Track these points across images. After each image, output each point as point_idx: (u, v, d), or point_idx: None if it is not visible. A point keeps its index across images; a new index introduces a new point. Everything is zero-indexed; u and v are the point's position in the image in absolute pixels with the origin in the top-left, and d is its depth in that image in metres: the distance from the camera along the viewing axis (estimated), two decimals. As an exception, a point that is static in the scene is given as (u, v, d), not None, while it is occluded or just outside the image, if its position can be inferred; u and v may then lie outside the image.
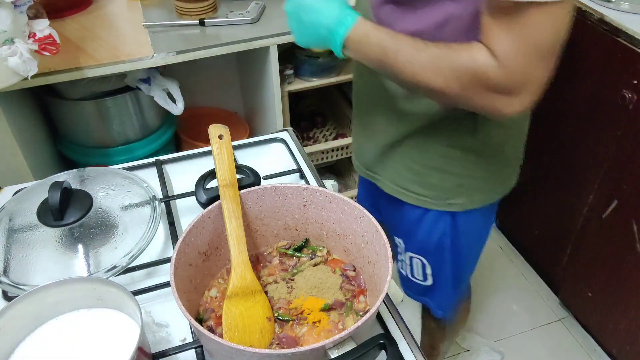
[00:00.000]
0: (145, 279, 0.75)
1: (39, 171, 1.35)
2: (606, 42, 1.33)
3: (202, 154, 0.97)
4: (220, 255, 0.71)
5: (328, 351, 0.53)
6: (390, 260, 0.60)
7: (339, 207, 0.70)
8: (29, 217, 0.74)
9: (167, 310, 0.69)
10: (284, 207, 0.73)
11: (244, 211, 0.71)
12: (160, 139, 1.57)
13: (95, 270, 0.70)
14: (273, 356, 0.52)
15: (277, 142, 1.00)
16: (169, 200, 0.85)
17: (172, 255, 0.61)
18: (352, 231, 0.70)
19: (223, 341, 0.53)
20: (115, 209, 0.77)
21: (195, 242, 0.66)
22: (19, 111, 1.33)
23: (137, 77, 1.40)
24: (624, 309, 1.47)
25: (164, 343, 0.66)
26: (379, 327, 0.68)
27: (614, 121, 1.36)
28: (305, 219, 0.74)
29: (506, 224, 2.06)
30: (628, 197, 1.37)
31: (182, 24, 1.41)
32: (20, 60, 1.01)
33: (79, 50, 1.29)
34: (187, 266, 0.65)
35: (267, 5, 1.49)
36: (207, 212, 0.68)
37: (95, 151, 1.49)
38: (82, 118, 1.44)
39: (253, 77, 1.68)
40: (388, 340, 0.53)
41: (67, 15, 1.44)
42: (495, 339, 1.76)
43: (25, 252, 0.72)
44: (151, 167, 0.93)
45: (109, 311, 0.62)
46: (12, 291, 0.68)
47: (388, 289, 0.59)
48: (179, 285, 0.59)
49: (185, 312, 0.56)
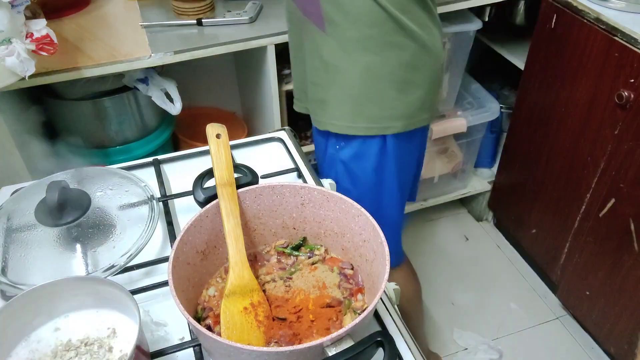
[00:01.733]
0: (143, 278, 0.75)
1: (37, 171, 1.35)
2: (603, 41, 1.34)
3: (200, 153, 0.97)
4: (218, 254, 0.71)
5: (326, 349, 0.53)
6: (387, 258, 0.60)
7: (336, 205, 0.70)
8: (26, 216, 0.74)
9: (165, 309, 0.69)
10: (282, 205, 0.73)
11: (242, 210, 0.71)
12: (158, 139, 1.57)
13: (94, 270, 0.70)
14: (271, 354, 0.52)
15: (274, 141, 1.01)
16: (167, 200, 0.85)
17: (170, 254, 0.61)
18: (349, 229, 0.70)
19: (221, 339, 0.53)
20: (113, 209, 0.77)
21: (193, 241, 0.66)
22: (17, 111, 1.33)
23: (135, 77, 1.40)
24: (622, 308, 1.47)
25: (162, 342, 0.66)
26: (377, 325, 0.68)
27: (612, 120, 1.37)
28: (303, 218, 0.74)
29: (504, 223, 2.06)
30: (625, 196, 1.37)
31: (180, 24, 1.41)
32: (18, 60, 1.01)
33: (77, 50, 1.29)
34: (185, 265, 0.65)
35: (265, 5, 1.49)
36: (205, 211, 0.68)
37: (93, 151, 1.49)
38: (80, 118, 1.44)
39: (251, 76, 1.68)
40: (385, 337, 0.53)
41: (64, 15, 1.43)
42: (494, 338, 1.77)
43: (23, 252, 0.72)
44: (149, 167, 0.93)
45: (107, 310, 0.62)
46: (10, 291, 0.68)
47: (385, 287, 0.59)
48: (177, 284, 0.59)
49: (183, 311, 0.56)
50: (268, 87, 1.49)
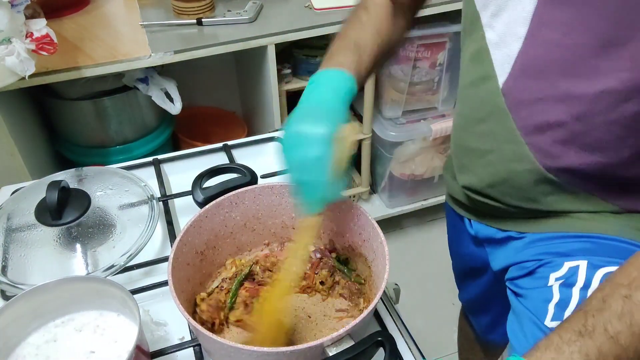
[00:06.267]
0: (143, 278, 0.75)
1: (37, 171, 1.35)
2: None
3: (200, 153, 0.97)
4: (217, 254, 0.72)
5: (326, 349, 0.53)
6: (387, 258, 0.60)
7: (336, 205, 0.70)
8: (26, 216, 0.74)
9: (165, 309, 0.69)
10: (281, 205, 0.73)
11: (241, 210, 0.71)
12: (158, 139, 1.57)
13: (94, 270, 0.70)
14: (271, 354, 0.52)
15: (274, 141, 1.00)
16: (167, 200, 0.85)
17: (170, 254, 0.61)
18: (349, 229, 0.70)
19: (220, 340, 0.53)
20: (113, 208, 0.77)
21: (192, 241, 0.67)
22: (17, 111, 1.33)
23: (135, 77, 1.40)
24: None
25: (162, 342, 0.66)
26: (377, 325, 0.68)
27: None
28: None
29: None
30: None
31: (180, 24, 1.41)
32: (18, 60, 1.01)
33: (77, 49, 1.29)
34: (185, 266, 0.65)
35: (265, 4, 1.49)
36: (204, 211, 0.68)
37: (93, 151, 1.49)
38: (79, 118, 1.44)
39: (251, 76, 1.68)
40: (386, 337, 0.53)
41: (64, 15, 1.43)
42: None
43: (23, 252, 0.72)
44: (149, 167, 0.93)
45: (107, 310, 0.62)
46: (10, 290, 0.68)
47: (385, 288, 0.59)
48: (176, 284, 0.59)
49: (183, 311, 0.56)
50: (268, 87, 1.49)
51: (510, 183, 0.67)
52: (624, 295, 0.47)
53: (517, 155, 0.64)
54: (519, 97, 0.61)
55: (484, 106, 0.66)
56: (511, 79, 0.61)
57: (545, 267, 0.66)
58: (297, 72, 1.60)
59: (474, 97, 0.68)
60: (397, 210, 1.95)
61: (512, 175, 0.66)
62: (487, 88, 0.64)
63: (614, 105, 0.55)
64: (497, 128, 0.65)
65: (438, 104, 1.78)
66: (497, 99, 0.63)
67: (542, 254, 0.67)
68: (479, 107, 0.67)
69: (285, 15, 1.46)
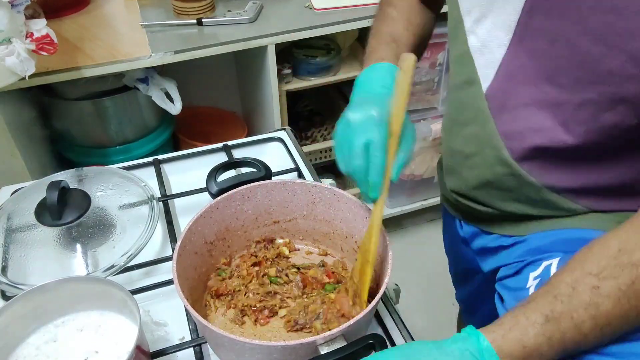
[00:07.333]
0: (143, 278, 0.75)
1: (37, 171, 1.35)
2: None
3: (200, 153, 0.97)
4: (225, 246, 0.73)
5: (319, 347, 0.53)
6: (390, 262, 0.61)
7: (346, 206, 0.71)
8: (27, 216, 0.74)
9: (165, 309, 0.69)
10: (293, 202, 0.74)
11: (253, 204, 0.72)
12: (158, 139, 1.57)
13: (94, 270, 0.70)
14: (263, 347, 0.53)
15: (275, 141, 1.00)
16: (167, 200, 0.85)
17: (178, 241, 0.63)
18: (358, 231, 0.70)
19: (217, 330, 0.54)
20: (113, 209, 0.77)
21: (202, 231, 0.68)
22: (17, 111, 1.33)
23: (135, 77, 1.40)
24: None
25: (162, 342, 0.66)
26: (377, 325, 0.68)
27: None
28: (314, 217, 0.74)
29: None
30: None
31: (180, 24, 1.41)
32: (18, 60, 1.01)
33: (77, 50, 1.29)
34: (193, 254, 0.66)
35: (265, 4, 1.49)
36: (216, 202, 0.69)
37: (93, 151, 1.49)
38: (80, 118, 1.44)
39: (251, 76, 1.68)
40: (378, 340, 0.54)
41: (64, 15, 1.43)
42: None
43: (24, 252, 0.72)
44: (149, 167, 0.93)
45: (107, 310, 0.62)
46: (10, 291, 0.68)
47: (386, 288, 0.59)
48: (181, 271, 0.60)
49: (181, 295, 0.57)
50: (268, 86, 1.49)
51: (495, 185, 0.68)
52: (592, 285, 0.48)
53: (498, 159, 0.64)
54: (503, 102, 0.62)
55: (468, 109, 0.67)
56: (495, 84, 0.62)
57: (527, 267, 0.67)
58: (297, 72, 1.60)
59: (460, 100, 0.69)
60: (397, 210, 1.95)
61: (496, 178, 0.67)
62: (471, 92, 0.65)
63: (594, 114, 0.55)
64: (480, 132, 0.65)
65: (438, 104, 1.78)
66: (480, 103, 0.64)
67: (526, 254, 0.68)
68: (464, 110, 0.68)
69: (285, 15, 1.46)
